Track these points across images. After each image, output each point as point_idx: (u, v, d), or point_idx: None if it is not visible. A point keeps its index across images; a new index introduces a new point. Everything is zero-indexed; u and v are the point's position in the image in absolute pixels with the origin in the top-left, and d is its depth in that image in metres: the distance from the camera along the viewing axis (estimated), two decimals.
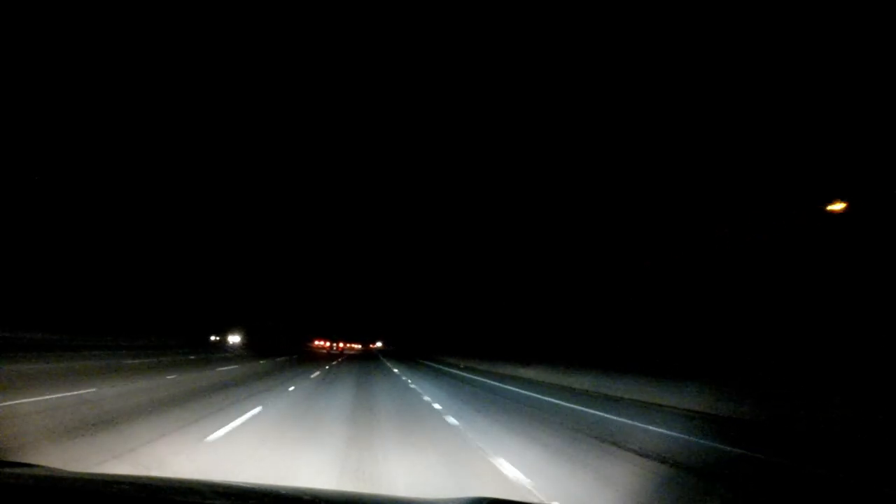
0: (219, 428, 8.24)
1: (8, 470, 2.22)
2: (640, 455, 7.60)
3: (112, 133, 36.06)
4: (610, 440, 8.87)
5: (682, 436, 9.67)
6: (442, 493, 5.12)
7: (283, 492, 2.79)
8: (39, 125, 28.43)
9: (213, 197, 54.65)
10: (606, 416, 12.62)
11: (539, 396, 17.15)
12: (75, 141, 31.82)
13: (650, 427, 10.70)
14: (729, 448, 8.77)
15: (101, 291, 35.11)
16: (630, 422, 11.57)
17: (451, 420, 10.55)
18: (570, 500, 5.28)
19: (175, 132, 48.00)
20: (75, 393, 11.06)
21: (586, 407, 14.48)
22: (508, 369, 30.58)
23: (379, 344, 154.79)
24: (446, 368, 38.11)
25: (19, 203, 27.67)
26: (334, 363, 37.65)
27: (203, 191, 50.66)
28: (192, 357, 31.04)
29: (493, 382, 23.95)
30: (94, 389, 11.87)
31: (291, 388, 15.77)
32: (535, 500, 5.12)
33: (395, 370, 31.84)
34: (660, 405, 15.05)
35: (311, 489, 2.82)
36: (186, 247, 48.81)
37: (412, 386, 19.42)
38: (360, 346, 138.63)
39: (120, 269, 39.70)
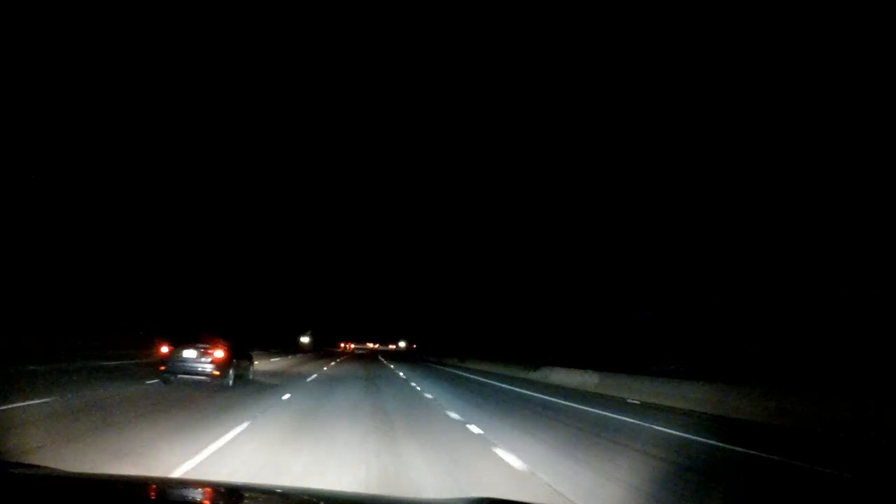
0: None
1: (9, 470, 2.24)
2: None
3: (127, 138, 36.13)
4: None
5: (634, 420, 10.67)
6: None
7: (284, 492, 2.81)
8: (39, 125, 28.44)
9: (229, 210, 54.56)
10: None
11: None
12: (86, 145, 31.85)
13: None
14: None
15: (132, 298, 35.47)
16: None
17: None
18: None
19: (204, 142, 48.02)
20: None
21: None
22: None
23: (393, 345, 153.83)
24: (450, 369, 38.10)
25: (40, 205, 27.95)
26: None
27: (217, 206, 50.72)
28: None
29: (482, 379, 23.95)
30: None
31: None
32: (533, 500, 5.13)
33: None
34: (659, 406, 15.12)
35: (311, 489, 2.83)
36: (206, 258, 48.84)
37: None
38: (393, 347, 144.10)
39: (155, 279, 40.04)
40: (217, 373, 13.56)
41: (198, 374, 13.47)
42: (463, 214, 77.75)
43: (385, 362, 44.30)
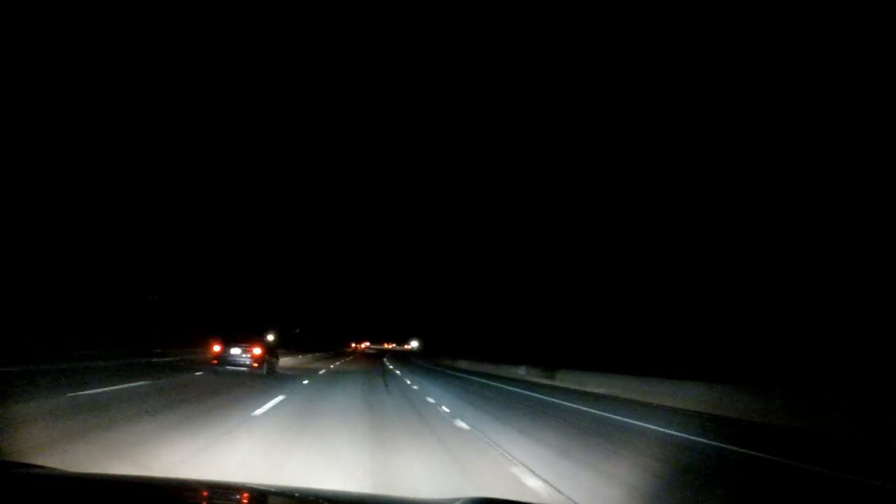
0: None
1: (9, 470, 2.23)
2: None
3: (133, 140, 36.11)
4: None
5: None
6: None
7: (284, 492, 2.80)
8: (39, 125, 28.40)
9: (233, 208, 54.60)
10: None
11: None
12: (84, 145, 31.81)
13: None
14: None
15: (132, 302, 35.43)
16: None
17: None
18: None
19: (208, 141, 48.10)
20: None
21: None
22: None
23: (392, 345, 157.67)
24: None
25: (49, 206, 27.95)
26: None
27: (220, 203, 50.78)
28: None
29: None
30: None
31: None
32: (533, 500, 5.11)
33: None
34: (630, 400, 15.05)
35: (312, 489, 2.83)
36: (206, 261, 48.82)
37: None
38: (408, 347, 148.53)
39: (157, 279, 40.00)
40: (255, 365, 18.37)
41: (240, 365, 18.22)
42: (471, 215, 77.48)
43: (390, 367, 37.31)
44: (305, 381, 18.36)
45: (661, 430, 10.49)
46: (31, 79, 27.38)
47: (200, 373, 18.09)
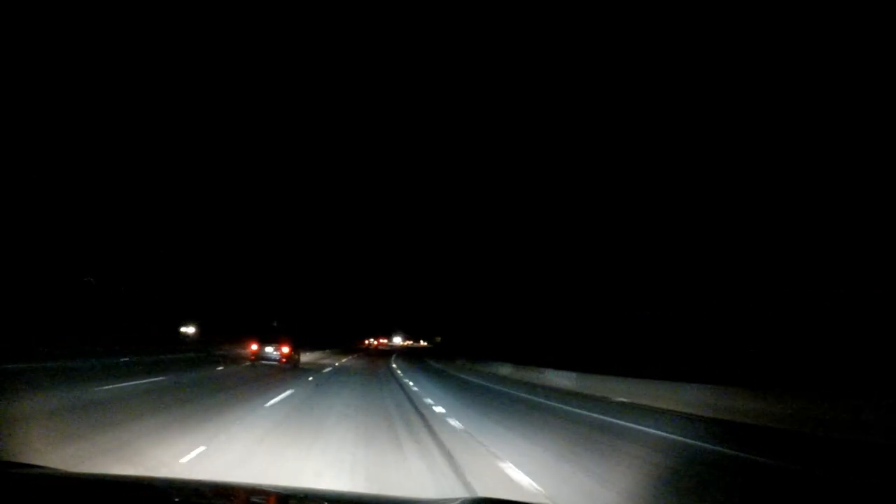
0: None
1: (8, 470, 2.23)
2: None
3: (131, 139, 36.06)
4: None
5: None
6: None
7: (284, 492, 2.81)
8: (39, 125, 28.37)
9: (235, 201, 54.46)
10: None
11: None
12: (82, 142, 31.77)
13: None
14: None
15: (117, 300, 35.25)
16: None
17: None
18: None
19: (213, 141, 48.13)
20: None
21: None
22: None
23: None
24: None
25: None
26: None
27: (223, 196, 50.68)
28: None
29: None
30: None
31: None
32: (533, 501, 5.12)
33: None
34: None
35: (311, 489, 2.83)
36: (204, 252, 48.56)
37: None
38: (424, 343, 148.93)
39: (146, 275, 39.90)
40: (284, 360, 22.99)
41: (272, 360, 22.78)
42: (474, 215, 76.85)
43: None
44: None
45: None
46: (31, 79, 27.36)
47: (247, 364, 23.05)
